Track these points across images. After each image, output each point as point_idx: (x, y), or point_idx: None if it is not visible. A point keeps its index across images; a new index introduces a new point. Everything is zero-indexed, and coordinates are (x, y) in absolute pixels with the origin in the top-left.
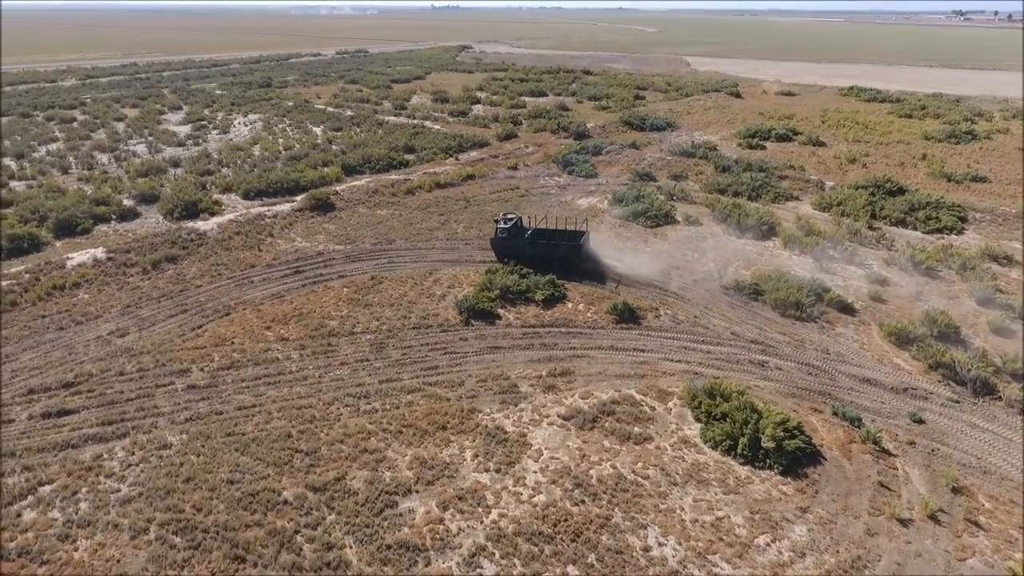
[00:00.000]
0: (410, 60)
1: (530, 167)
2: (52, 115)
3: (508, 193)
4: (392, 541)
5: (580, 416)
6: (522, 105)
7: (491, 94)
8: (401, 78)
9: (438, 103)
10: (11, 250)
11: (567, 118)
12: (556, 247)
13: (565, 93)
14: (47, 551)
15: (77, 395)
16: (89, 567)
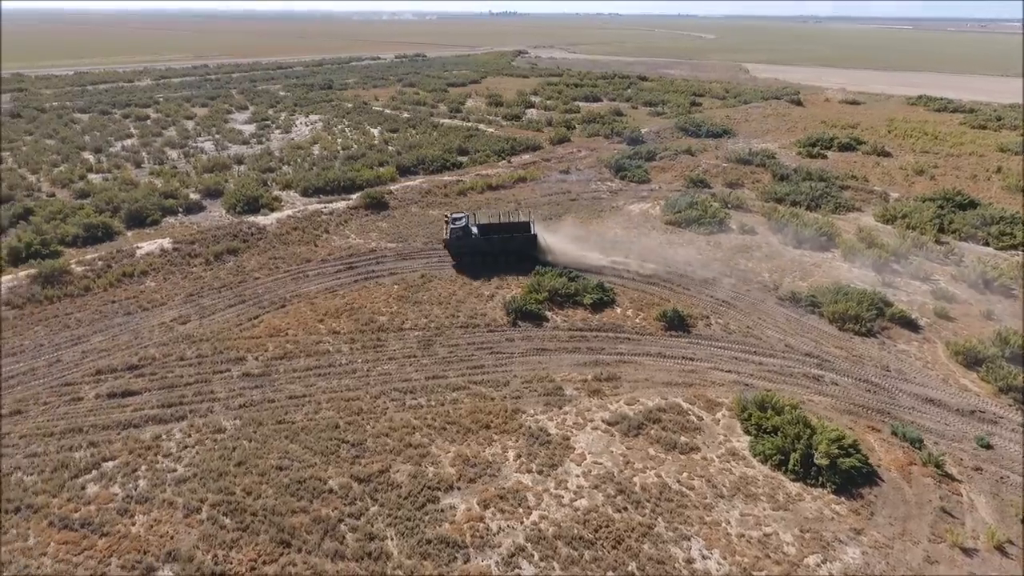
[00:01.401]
0: (466, 64)
1: (582, 171)
2: (128, 113)
3: (559, 196)
4: (433, 536)
5: (625, 422)
6: (576, 110)
7: (545, 98)
8: (457, 82)
9: (492, 107)
10: (86, 238)
11: (621, 123)
12: (512, 240)
13: (620, 98)
14: (107, 524)
15: (140, 377)
16: (145, 541)
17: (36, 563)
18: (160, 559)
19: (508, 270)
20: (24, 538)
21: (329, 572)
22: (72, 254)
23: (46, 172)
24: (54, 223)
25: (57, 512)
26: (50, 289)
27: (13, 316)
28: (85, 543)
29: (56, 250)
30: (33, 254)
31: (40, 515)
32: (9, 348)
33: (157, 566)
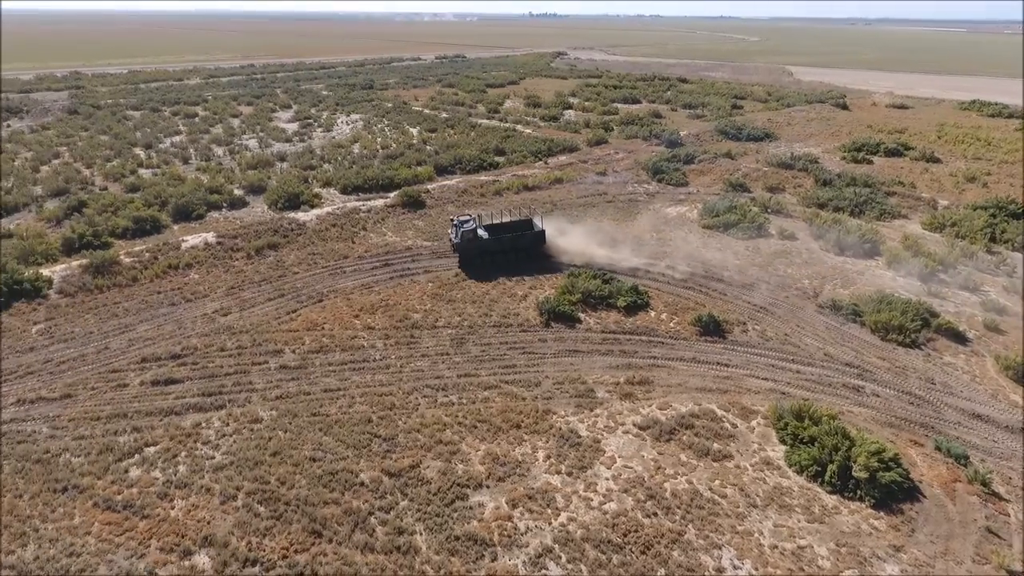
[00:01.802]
0: (505, 65)
1: (619, 173)
2: (178, 111)
3: (595, 198)
4: (461, 533)
5: (657, 427)
6: (614, 112)
7: (583, 100)
8: (496, 83)
9: (530, 108)
10: (135, 231)
11: (659, 125)
12: (521, 238)
13: (659, 101)
14: (148, 507)
15: (183, 366)
16: (183, 525)
17: (81, 541)
18: (197, 543)
19: (517, 270)
20: (70, 517)
21: (359, 564)
22: (121, 245)
23: (100, 166)
24: (106, 215)
25: (101, 493)
26: (100, 279)
27: (65, 304)
28: (127, 524)
29: (107, 241)
30: (86, 245)
31: (85, 496)
32: (61, 334)
33: (194, 550)
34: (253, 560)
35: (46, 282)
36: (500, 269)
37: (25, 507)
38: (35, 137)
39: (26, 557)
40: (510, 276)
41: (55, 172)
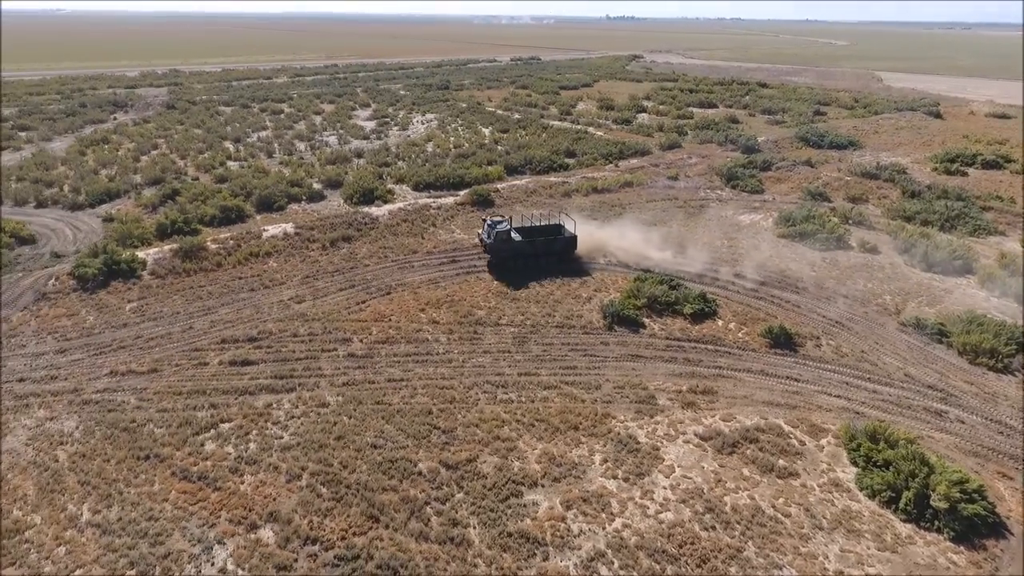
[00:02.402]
0: (580, 68)
1: (691, 178)
2: (265, 107)
3: (665, 203)
4: (514, 529)
5: (719, 438)
6: (689, 116)
7: (658, 103)
8: (569, 85)
9: (603, 110)
10: (222, 219)
11: (736, 131)
12: (554, 242)
13: (736, 105)
14: (220, 480)
15: (258, 349)
16: (251, 500)
17: (159, 507)
18: (263, 518)
19: (546, 274)
20: (151, 483)
21: (413, 551)
22: (209, 232)
23: (192, 158)
24: (196, 204)
25: (179, 464)
26: (188, 263)
27: (156, 285)
28: (200, 495)
29: (196, 228)
30: (177, 230)
31: (165, 465)
32: (151, 313)
33: (260, 524)
34: (314, 539)
35: (141, 264)
36: (531, 273)
37: (112, 471)
38: (137, 129)
39: (111, 517)
40: (541, 279)
41: (153, 162)
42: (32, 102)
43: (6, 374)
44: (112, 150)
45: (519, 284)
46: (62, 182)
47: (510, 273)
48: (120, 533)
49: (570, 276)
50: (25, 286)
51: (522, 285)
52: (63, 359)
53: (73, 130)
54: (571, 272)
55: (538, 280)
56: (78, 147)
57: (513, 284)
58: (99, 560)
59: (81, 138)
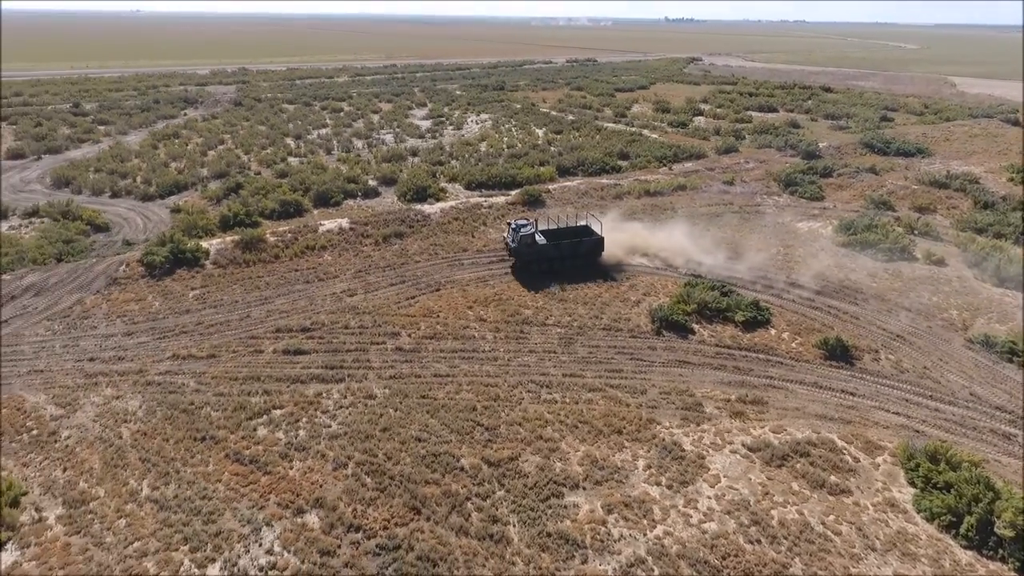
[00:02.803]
0: (636, 70)
1: (747, 183)
2: (326, 105)
3: (719, 208)
4: (553, 530)
5: (768, 450)
6: (747, 120)
7: (715, 107)
8: (625, 87)
9: (659, 113)
10: (281, 213)
11: (796, 136)
12: (580, 244)
13: (798, 110)
14: (270, 464)
15: (311, 339)
16: (298, 485)
17: (212, 487)
18: (309, 503)
19: (573, 277)
20: (206, 464)
21: (452, 545)
22: (268, 225)
23: (256, 153)
24: (257, 197)
25: (233, 447)
26: (248, 254)
27: (218, 274)
28: (251, 477)
29: (256, 221)
30: (238, 222)
31: (219, 447)
32: (212, 301)
33: (306, 509)
34: (357, 527)
35: (204, 253)
36: (556, 276)
37: (170, 450)
38: (206, 125)
39: (168, 494)
40: (567, 283)
41: (219, 157)
42: (111, 98)
43: (79, 353)
44: (182, 144)
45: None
46: (135, 174)
47: (528, 276)
48: (176, 510)
49: (617, 280)
50: (98, 271)
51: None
52: (130, 341)
53: (147, 125)
54: (617, 275)
55: (581, 282)
56: (151, 141)
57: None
58: (156, 534)
59: (154, 132)
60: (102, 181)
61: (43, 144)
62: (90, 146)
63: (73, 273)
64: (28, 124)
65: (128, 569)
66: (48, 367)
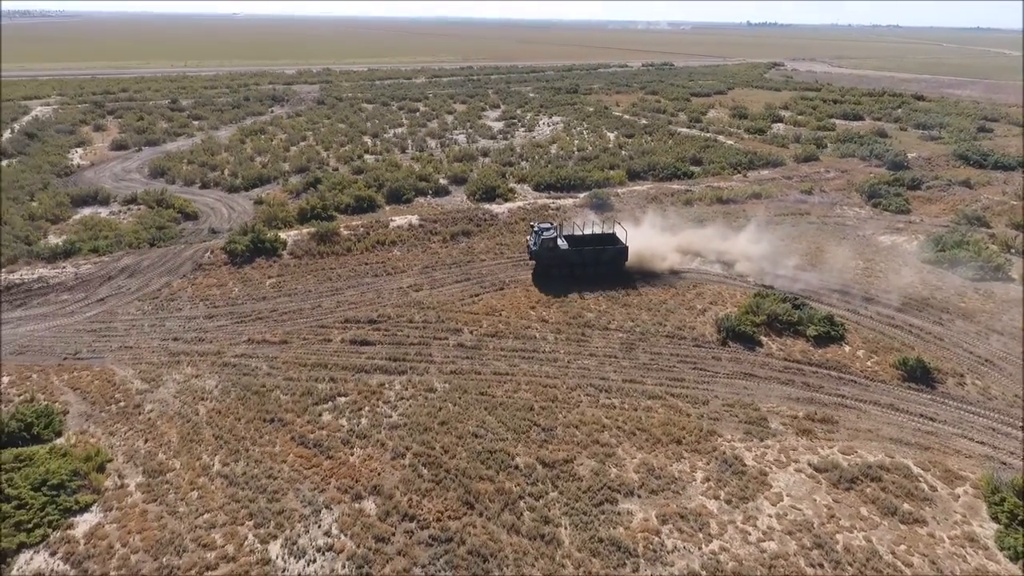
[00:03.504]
0: (714, 75)
1: (827, 193)
2: (403, 105)
3: (795, 218)
4: (605, 536)
5: (836, 471)
6: (830, 127)
7: (796, 113)
8: (701, 92)
9: (735, 118)
10: (355, 208)
11: (882, 145)
12: (603, 252)
13: (886, 118)
14: (332, 449)
15: (377, 331)
16: (358, 472)
17: (278, 467)
18: (367, 490)
19: (595, 285)
20: (273, 445)
21: (503, 543)
22: (342, 219)
23: (335, 150)
24: (334, 192)
25: (298, 430)
26: (322, 246)
27: (293, 264)
28: (314, 461)
29: (332, 215)
30: (315, 216)
31: (286, 429)
32: (287, 289)
33: (364, 495)
34: (411, 516)
35: (282, 244)
36: (578, 283)
37: (241, 429)
38: (290, 122)
39: (237, 471)
40: (585, 291)
41: (300, 152)
42: (206, 95)
43: (164, 332)
44: (267, 140)
45: (630, 290)
46: (223, 167)
47: (554, 282)
48: (243, 486)
49: (684, 287)
50: (186, 256)
51: (633, 291)
52: (210, 324)
53: (236, 121)
54: (682, 283)
55: (580, 292)
56: (239, 136)
57: (623, 290)
58: (224, 508)
59: (242, 128)
60: (193, 172)
61: (143, 137)
62: (185, 139)
63: (163, 257)
64: (131, 118)
65: (197, 539)
66: (136, 344)
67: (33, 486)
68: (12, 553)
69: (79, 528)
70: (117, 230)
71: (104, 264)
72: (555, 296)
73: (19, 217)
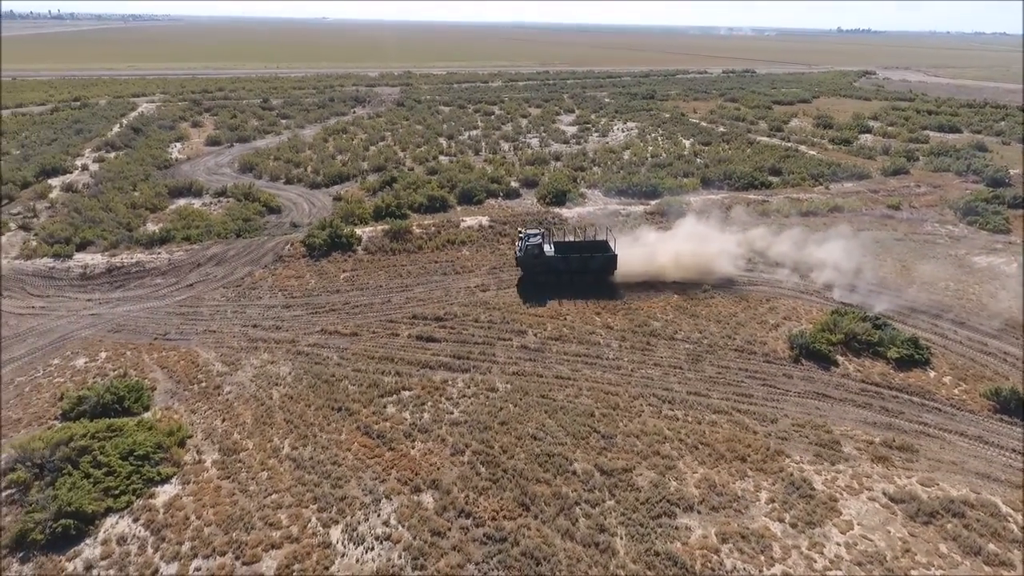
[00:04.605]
0: (799, 83)
1: (917, 209)
2: (479, 108)
3: (880, 233)
4: (662, 550)
5: (914, 503)
6: (923, 140)
7: (886, 124)
8: (784, 100)
9: (819, 128)
10: (427, 207)
11: (982, 160)
12: (591, 259)
13: (987, 131)
14: (395, 441)
15: (442, 328)
16: (418, 465)
17: (343, 455)
18: (426, 484)
19: (582, 293)
20: (339, 433)
21: (557, 547)
22: (415, 218)
23: (411, 151)
24: (408, 192)
25: (364, 420)
26: (395, 243)
27: (367, 260)
28: (377, 451)
29: (405, 213)
30: (389, 213)
31: (352, 419)
32: (360, 283)
33: (423, 489)
34: (467, 513)
35: (357, 240)
36: (564, 291)
37: (311, 416)
38: (370, 123)
39: (304, 455)
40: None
41: (379, 152)
42: (294, 95)
43: (245, 319)
44: (348, 139)
45: (697, 298)
46: (307, 164)
47: (540, 290)
48: (310, 470)
49: (756, 300)
50: (268, 248)
51: (703, 300)
52: (287, 313)
53: (321, 120)
54: (754, 295)
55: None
56: (323, 135)
57: (691, 298)
58: (291, 490)
59: (326, 127)
60: (279, 168)
61: (235, 134)
62: (272, 137)
63: (248, 248)
64: (226, 116)
65: (265, 518)
66: (219, 329)
67: (121, 455)
68: (100, 516)
69: (159, 498)
70: (208, 221)
71: (194, 252)
72: (531, 303)
73: (122, 205)
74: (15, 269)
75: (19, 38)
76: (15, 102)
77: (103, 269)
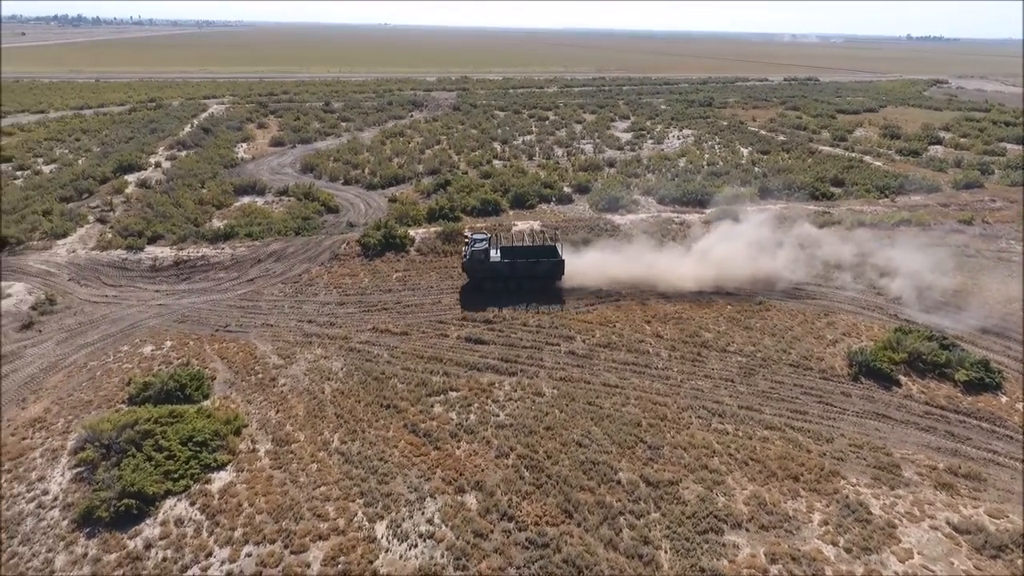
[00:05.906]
0: (865, 91)
1: (991, 224)
2: (533, 113)
3: (950, 249)
4: (707, 566)
5: (981, 535)
6: (1000, 152)
7: (959, 135)
8: (849, 109)
9: (886, 138)
10: (480, 210)
11: None
12: (537, 264)
13: None
14: (440, 440)
15: (491, 331)
16: (463, 465)
17: (389, 451)
18: (470, 484)
19: (528, 300)
20: (387, 429)
21: (599, 556)
22: (468, 221)
23: (465, 155)
24: (461, 195)
25: (411, 418)
26: (447, 245)
27: (419, 260)
28: (423, 449)
29: (458, 216)
30: (442, 216)
31: (400, 416)
32: (411, 283)
33: (466, 489)
34: (510, 516)
35: (410, 240)
36: (513, 297)
37: (360, 411)
38: (427, 126)
39: (352, 450)
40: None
41: (434, 155)
42: (354, 99)
43: (300, 314)
44: (405, 142)
45: (751, 312)
46: (364, 165)
47: (488, 296)
48: (357, 465)
49: (814, 314)
50: (325, 246)
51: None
52: (341, 310)
53: (379, 123)
54: (812, 309)
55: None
56: (380, 137)
57: (746, 312)
58: (339, 483)
59: (384, 130)
60: (338, 170)
61: (298, 135)
62: (333, 139)
63: (306, 245)
64: (289, 118)
65: (313, 509)
66: (277, 323)
67: (182, 440)
68: (160, 498)
69: (215, 484)
70: (269, 218)
71: (256, 248)
72: (473, 310)
73: (191, 201)
74: (92, 259)
75: (105, 42)
76: (97, 102)
77: (171, 262)
